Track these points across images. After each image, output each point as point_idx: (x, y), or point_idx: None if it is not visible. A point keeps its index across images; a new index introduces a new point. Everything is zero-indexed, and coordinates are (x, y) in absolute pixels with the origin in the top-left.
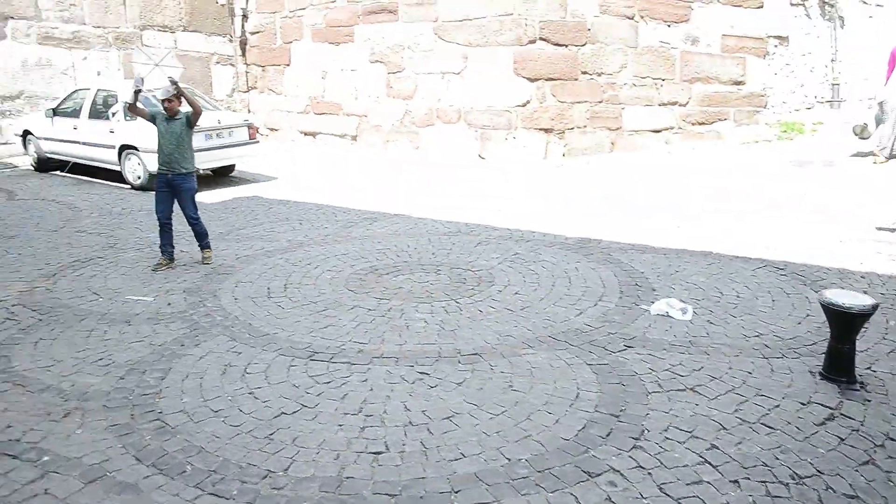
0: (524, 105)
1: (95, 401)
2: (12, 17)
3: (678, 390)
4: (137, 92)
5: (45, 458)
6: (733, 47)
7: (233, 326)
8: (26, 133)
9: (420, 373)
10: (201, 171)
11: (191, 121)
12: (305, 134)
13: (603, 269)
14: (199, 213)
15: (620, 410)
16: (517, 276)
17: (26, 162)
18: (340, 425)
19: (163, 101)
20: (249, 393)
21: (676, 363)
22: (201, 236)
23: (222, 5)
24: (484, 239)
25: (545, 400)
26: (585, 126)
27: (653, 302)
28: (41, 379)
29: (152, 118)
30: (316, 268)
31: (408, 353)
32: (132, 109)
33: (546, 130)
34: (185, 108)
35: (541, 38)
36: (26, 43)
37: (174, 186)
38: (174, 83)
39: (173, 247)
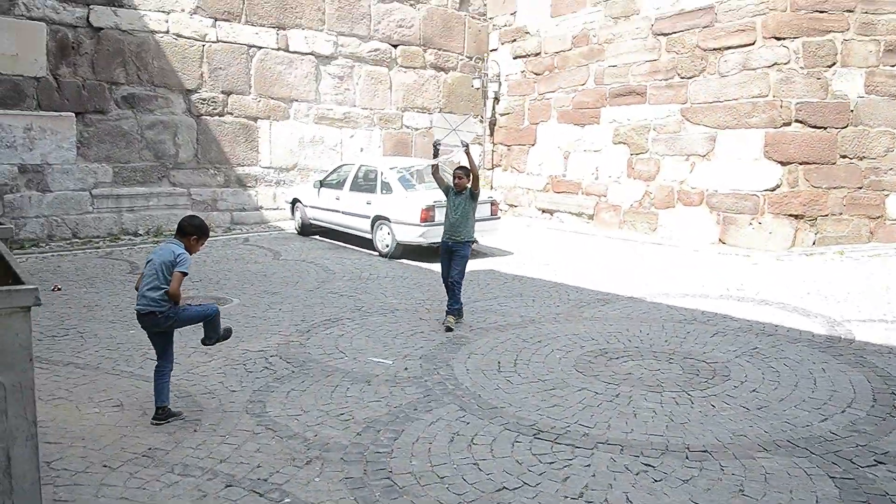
0: (773, 189)
1: (334, 452)
2: (296, 101)
3: None
4: (436, 149)
5: (286, 500)
6: None
7: (463, 396)
8: (295, 201)
9: (645, 464)
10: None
11: (474, 194)
12: (543, 211)
13: (854, 373)
14: (462, 281)
15: None
16: (755, 372)
17: (290, 226)
18: None
19: (454, 177)
20: (474, 464)
21: None
22: (455, 301)
23: (477, 89)
24: (721, 329)
25: None
26: (841, 213)
27: None
28: (289, 426)
29: (446, 190)
30: (546, 346)
31: (633, 443)
32: (435, 174)
33: (796, 217)
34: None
35: (796, 121)
36: (305, 122)
37: (452, 252)
38: (466, 145)
39: (459, 304)
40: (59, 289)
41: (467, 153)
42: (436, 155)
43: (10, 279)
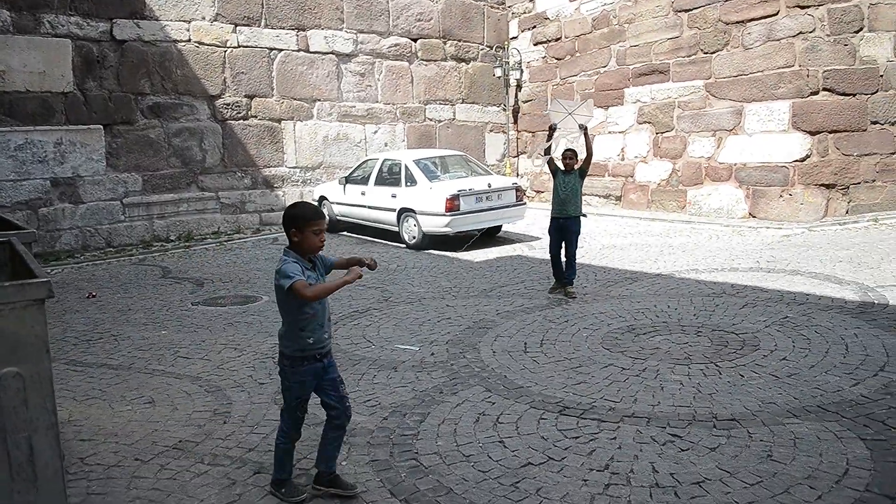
0: (803, 160)
1: (361, 437)
2: (319, 100)
3: None
4: (551, 132)
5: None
6: None
7: (489, 378)
8: (322, 198)
9: (672, 435)
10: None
11: (584, 172)
12: None
13: (888, 337)
14: (576, 251)
15: None
16: (786, 340)
17: None
18: (585, 480)
19: (563, 158)
20: (499, 441)
21: None
22: (572, 271)
23: (498, 77)
24: (751, 301)
25: (807, 473)
26: (874, 180)
27: None
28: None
29: (554, 171)
30: (573, 325)
31: (660, 415)
32: (547, 158)
33: (827, 186)
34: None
35: (824, 89)
36: (328, 121)
37: (564, 228)
38: (584, 128)
39: (564, 274)
40: (93, 296)
41: (585, 135)
42: (549, 138)
43: (28, 276)
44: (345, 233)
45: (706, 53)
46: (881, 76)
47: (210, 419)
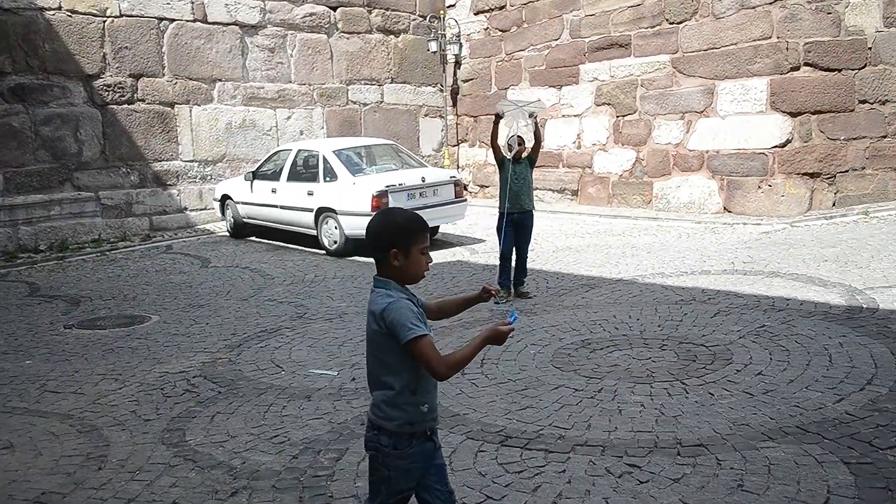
0: (783, 145)
1: (265, 480)
2: (220, 80)
3: None
4: (498, 118)
5: None
6: None
7: None
8: (225, 198)
9: (629, 465)
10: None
11: (533, 160)
12: None
13: (876, 346)
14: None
15: None
16: (762, 352)
17: (222, 228)
18: None
19: (510, 148)
20: None
21: None
22: (524, 272)
23: (434, 53)
24: (724, 308)
25: None
26: (864, 167)
27: None
28: (213, 455)
29: (501, 162)
30: (519, 341)
31: (617, 442)
32: (493, 142)
33: (811, 175)
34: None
35: (805, 64)
36: (232, 105)
37: (518, 223)
38: (534, 116)
39: (510, 281)
40: None
41: (535, 124)
42: (496, 125)
43: None
44: (253, 238)
45: (672, 24)
46: (869, 49)
47: (82, 465)
